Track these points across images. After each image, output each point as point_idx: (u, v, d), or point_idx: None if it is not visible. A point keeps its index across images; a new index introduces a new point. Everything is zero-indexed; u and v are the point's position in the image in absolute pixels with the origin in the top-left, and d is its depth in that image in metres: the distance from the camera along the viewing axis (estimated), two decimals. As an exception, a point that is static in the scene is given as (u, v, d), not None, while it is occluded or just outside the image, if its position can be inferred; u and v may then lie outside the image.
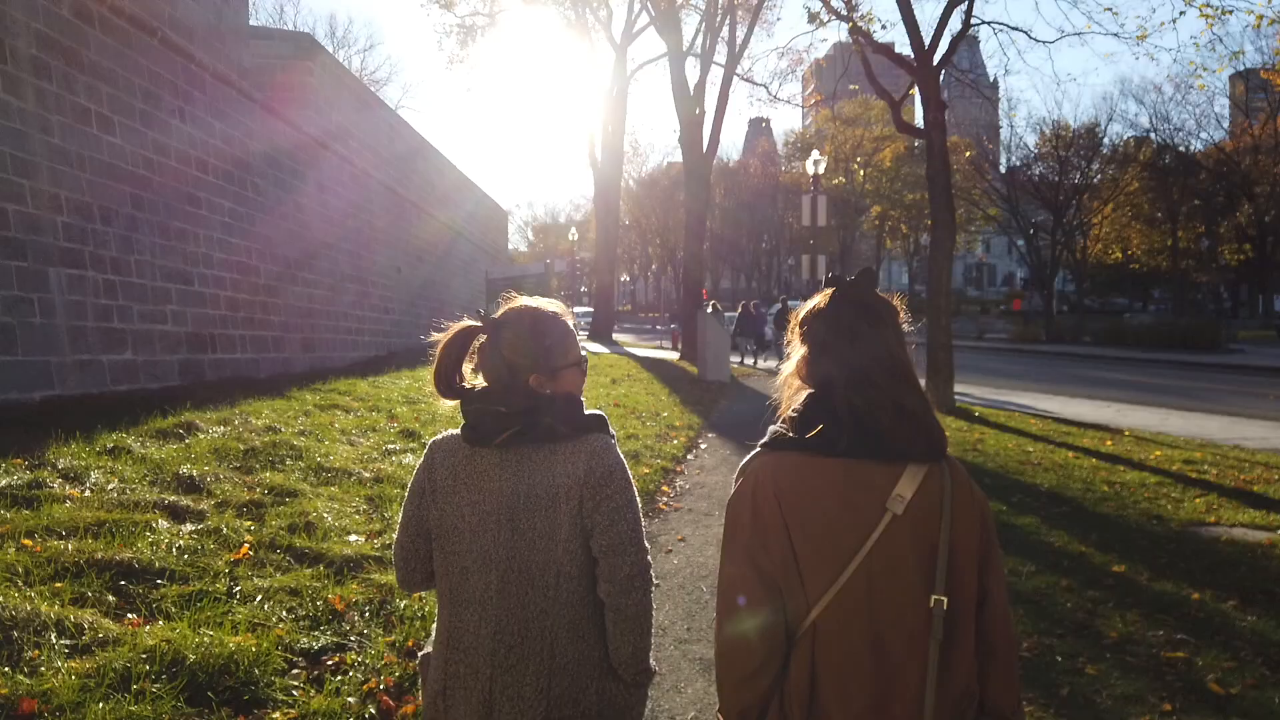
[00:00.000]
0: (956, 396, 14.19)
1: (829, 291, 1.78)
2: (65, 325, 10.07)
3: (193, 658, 3.43)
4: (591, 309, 35.91)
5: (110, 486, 5.64)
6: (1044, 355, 32.37)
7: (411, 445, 8.27)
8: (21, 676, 3.20)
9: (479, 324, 1.98)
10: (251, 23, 18.00)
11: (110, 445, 6.64)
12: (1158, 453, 9.84)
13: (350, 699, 3.42)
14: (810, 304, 1.79)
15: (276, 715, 3.25)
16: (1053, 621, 4.71)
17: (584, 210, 75.32)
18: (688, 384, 17.16)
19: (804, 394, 1.74)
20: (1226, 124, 49.47)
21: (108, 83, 11.33)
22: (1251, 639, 4.42)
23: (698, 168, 24.85)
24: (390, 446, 8.09)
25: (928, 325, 14.38)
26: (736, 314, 26.24)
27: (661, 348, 32.16)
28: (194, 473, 6.12)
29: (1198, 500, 7.46)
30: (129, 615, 3.91)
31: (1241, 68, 39.43)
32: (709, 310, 19.65)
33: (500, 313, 2.00)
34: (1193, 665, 4.11)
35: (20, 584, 3.97)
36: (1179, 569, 5.58)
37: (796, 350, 1.79)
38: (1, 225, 9.19)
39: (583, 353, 2.07)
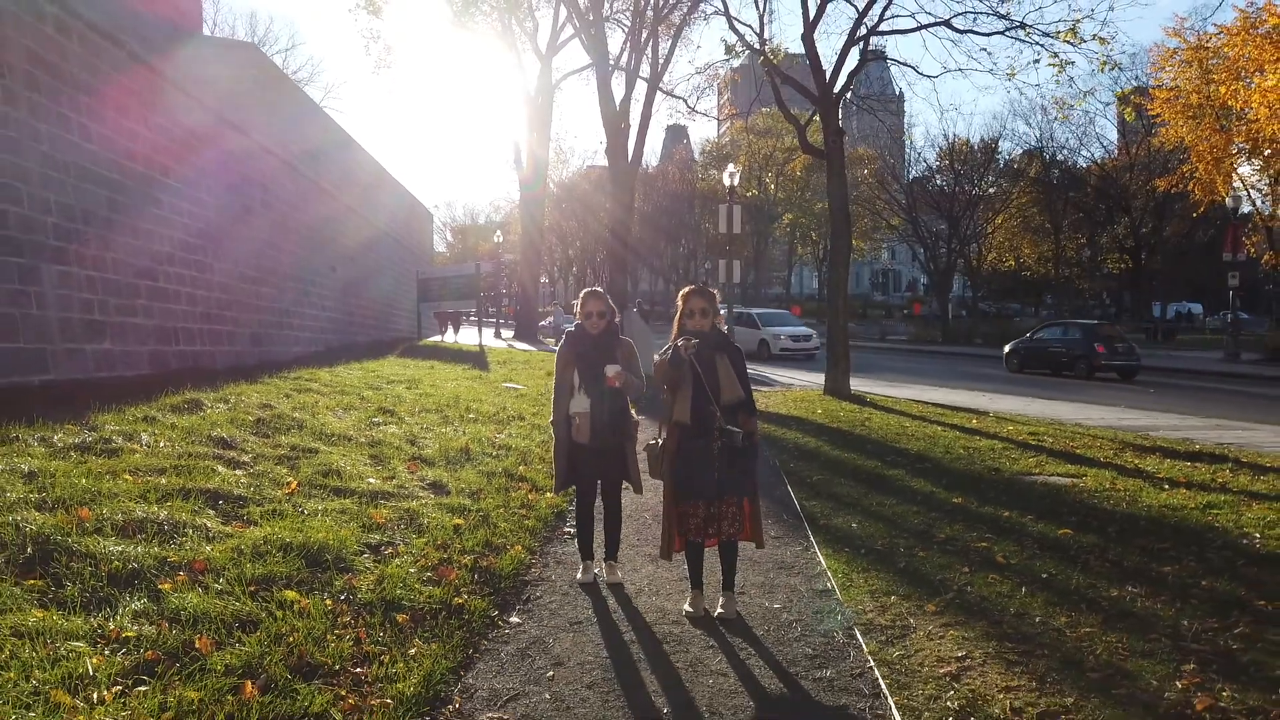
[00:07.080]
0: (859, 390, 16.14)
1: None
2: (56, 317, 11.06)
3: (294, 543, 4.84)
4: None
5: (162, 444, 6.91)
6: (939, 355, 35.09)
7: (391, 420, 9.64)
8: (186, 550, 4.58)
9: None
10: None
11: (142, 415, 7.85)
12: (1011, 428, 11.86)
13: (411, 569, 4.89)
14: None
15: (365, 575, 4.69)
16: (902, 530, 6.46)
17: (504, 212, 76.04)
18: (615, 377, 18.68)
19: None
20: (1109, 142, 53.61)
21: (86, 93, 12.29)
22: (1035, 536, 6.24)
23: (623, 175, 26.49)
24: (374, 420, 9.44)
25: (828, 325, 16.30)
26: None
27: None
28: (224, 435, 7.41)
29: (1030, 459, 9.40)
30: (233, 522, 5.28)
31: (1121, 87, 42.94)
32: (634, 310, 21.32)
33: None
34: (991, 551, 5.88)
35: (144, 502, 5.29)
36: (1001, 500, 7.43)
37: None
38: (2, 225, 10.17)
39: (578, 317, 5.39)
